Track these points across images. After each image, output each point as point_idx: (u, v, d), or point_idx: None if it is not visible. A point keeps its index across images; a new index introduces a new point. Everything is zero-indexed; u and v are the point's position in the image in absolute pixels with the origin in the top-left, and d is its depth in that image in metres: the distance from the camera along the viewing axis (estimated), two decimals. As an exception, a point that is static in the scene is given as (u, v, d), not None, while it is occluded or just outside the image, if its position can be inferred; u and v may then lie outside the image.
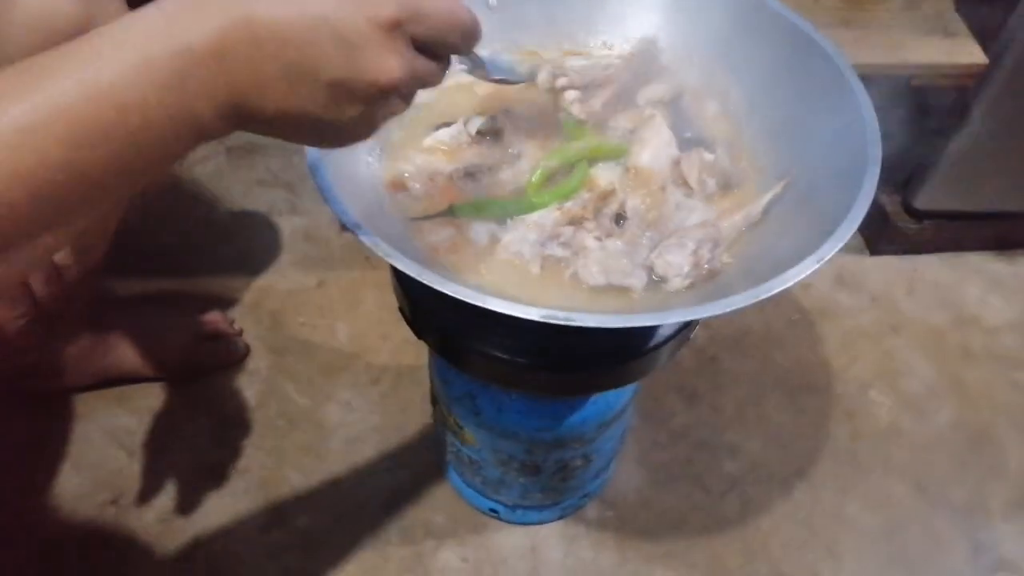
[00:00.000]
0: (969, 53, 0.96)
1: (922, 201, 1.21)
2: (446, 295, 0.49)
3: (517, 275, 0.61)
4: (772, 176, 0.67)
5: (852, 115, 0.62)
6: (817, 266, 0.52)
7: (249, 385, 1.10)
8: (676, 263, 0.59)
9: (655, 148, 0.67)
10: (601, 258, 0.60)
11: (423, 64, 0.44)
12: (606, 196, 0.65)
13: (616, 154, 0.69)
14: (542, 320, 0.49)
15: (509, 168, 0.67)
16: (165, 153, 0.40)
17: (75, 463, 1.03)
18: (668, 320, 0.51)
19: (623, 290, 0.60)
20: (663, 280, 0.60)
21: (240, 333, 1.14)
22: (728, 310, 0.50)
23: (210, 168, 1.36)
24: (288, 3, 0.39)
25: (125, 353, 1.06)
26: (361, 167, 0.65)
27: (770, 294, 0.51)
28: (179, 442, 1.05)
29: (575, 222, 0.63)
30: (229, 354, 1.11)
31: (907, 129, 1.16)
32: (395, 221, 0.63)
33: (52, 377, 1.03)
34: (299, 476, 1.02)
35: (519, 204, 0.64)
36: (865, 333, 1.20)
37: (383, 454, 1.04)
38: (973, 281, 1.28)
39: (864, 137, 0.60)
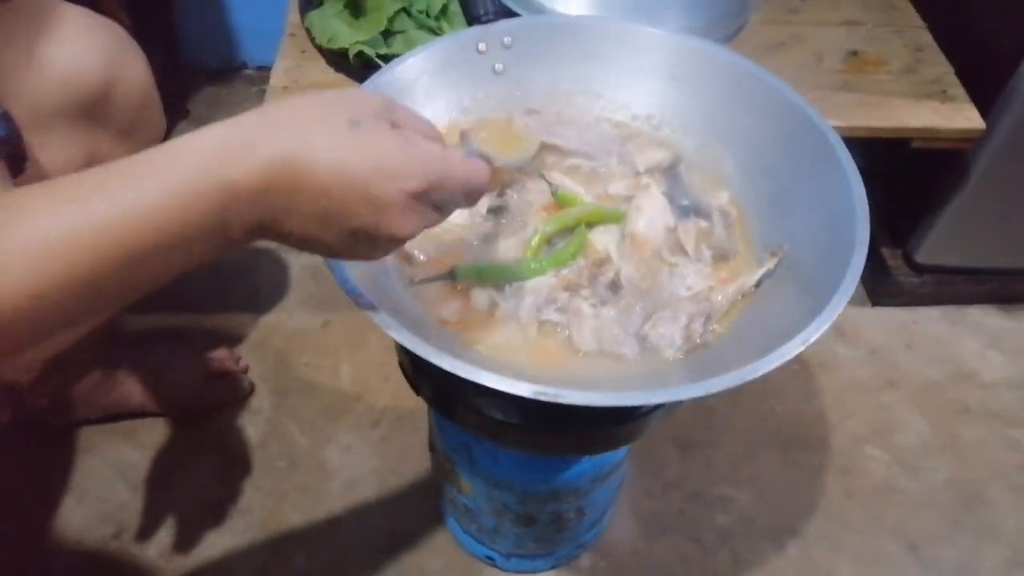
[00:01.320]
0: (967, 118, 0.98)
1: (923, 255, 1.23)
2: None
3: (515, 338, 0.63)
4: (765, 245, 0.69)
5: (842, 193, 0.64)
6: (802, 347, 0.54)
7: (252, 424, 1.12)
8: (669, 335, 0.61)
9: (651, 216, 0.69)
10: (595, 326, 0.62)
11: (436, 217, 0.49)
12: (601, 264, 0.67)
13: (613, 219, 0.71)
14: (532, 396, 0.50)
15: (513, 236, 0.69)
16: (189, 263, 0.43)
17: (79, 496, 1.05)
18: (654, 400, 0.53)
19: (616, 356, 0.62)
20: (656, 350, 0.62)
21: (246, 370, 1.16)
22: (714, 391, 0.52)
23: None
24: (331, 153, 0.42)
25: (132, 389, 1.08)
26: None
27: (756, 375, 0.53)
28: (182, 478, 1.07)
29: (571, 288, 0.65)
30: (234, 392, 1.13)
31: (908, 186, 1.18)
32: (401, 286, 0.65)
33: (60, 412, 1.05)
34: (299, 516, 1.04)
35: (519, 269, 0.66)
36: (862, 387, 1.21)
37: (382, 498, 1.06)
38: (973, 335, 1.29)
39: (853, 217, 0.61)
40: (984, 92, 1.03)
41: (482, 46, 0.76)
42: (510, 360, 0.61)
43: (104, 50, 0.74)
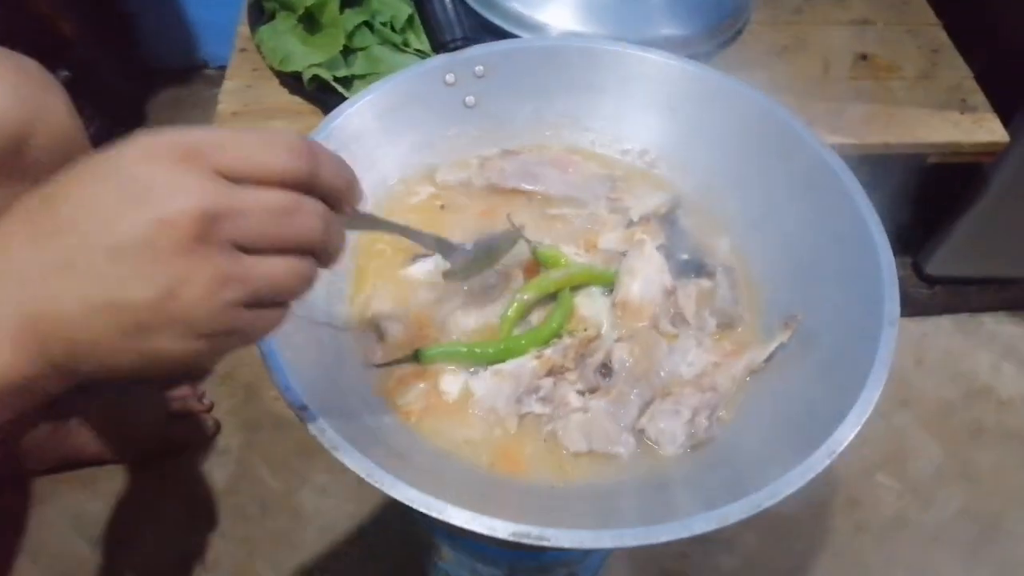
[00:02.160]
0: (989, 130, 0.89)
1: (935, 267, 1.15)
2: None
3: (491, 434, 0.55)
4: (775, 309, 0.60)
5: (866, 257, 0.55)
6: (829, 461, 0.46)
7: (220, 466, 1.05)
8: (670, 431, 0.53)
9: (645, 278, 0.61)
10: (583, 421, 0.54)
11: (257, 272, 0.34)
12: (590, 342, 0.58)
13: (602, 281, 0.62)
14: (512, 539, 0.42)
15: (488, 304, 0.61)
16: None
17: (33, 553, 0.97)
18: (657, 539, 0.45)
19: (609, 456, 0.54)
20: (655, 444, 0.54)
21: (210, 408, 1.08)
22: (728, 523, 0.44)
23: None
24: (83, 303, 0.32)
25: (86, 438, 1.00)
26: (320, 305, 0.58)
27: (773, 502, 0.45)
28: (145, 530, 1.00)
29: (555, 372, 0.57)
30: (199, 433, 1.06)
31: (917, 194, 1.10)
32: (358, 372, 0.57)
33: (8, 464, 0.97)
34: (271, 568, 0.97)
35: (493, 350, 0.57)
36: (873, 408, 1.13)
37: (359, 545, 0.99)
38: (986, 346, 1.21)
39: (879, 287, 0.53)
40: (1005, 97, 0.94)
41: (450, 77, 0.67)
42: (483, 466, 0.53)
43: (16, 92, 0.64)
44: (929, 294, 1.18)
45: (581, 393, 0.56)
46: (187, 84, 1.47)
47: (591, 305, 0.62)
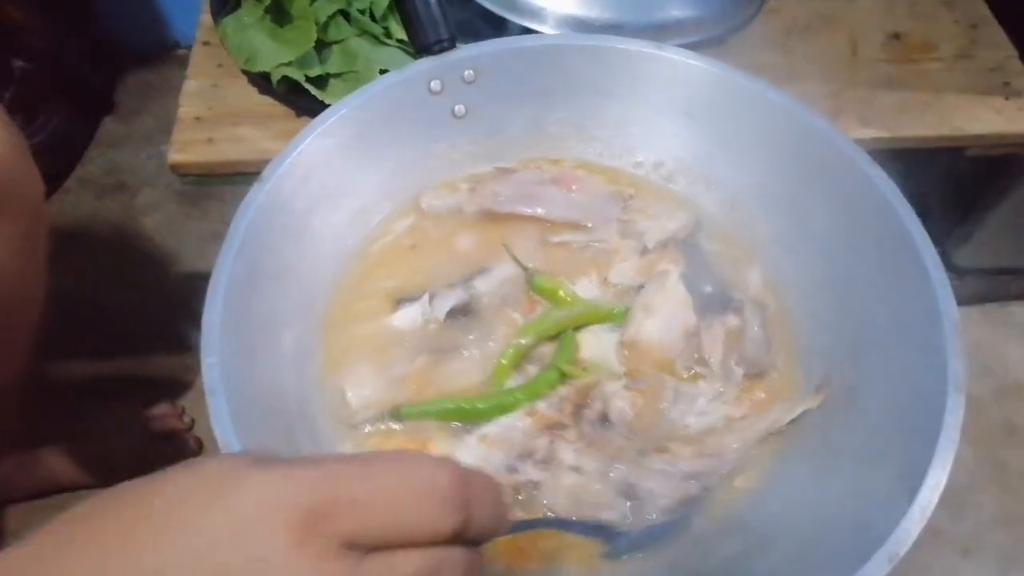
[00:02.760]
0: (1036, 116, 0.80)
1: (965, 258, 1.07)
2: None
3: None
4: (813, 353, 0.53)
5: (924, 302, 0.47)
6: (890, 567, 0.39)
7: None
8: (659, 492, 0.46)
9: (666, 316, 0.53)
10: (572, 485, 0.47)
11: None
12: (587, 390, 0.50)
13: (611, 320, 0.54)
14: None
15: (479, 347, 0.53)
16: None
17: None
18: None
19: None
20: (643, 504, 0.47)
21: (191, 426, 1.01)
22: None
23: (159, 218, 1.21)
24: None
25: (61, 464, 0.93)
26: (286, 363, 0.51)
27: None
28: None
29: (552, 429, 0.49)
30: (181, 455, 0.98)
31: (946, 182, 1.01)
32: (332, 438, 0.50)
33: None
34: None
35: (484, 405, 0.50)
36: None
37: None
38: (1018, 339, 1.14)
39: (941, 341, 0.45)
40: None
41: (436, 84, 0.58)
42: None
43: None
44: (958, 285, 1.10)
45: (577, 450, 0.48)
46: (157, 67, 1.36)
47: (596, 344, 0.54)
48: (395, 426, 0.50)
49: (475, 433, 0.49)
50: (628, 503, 0.47)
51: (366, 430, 0.50)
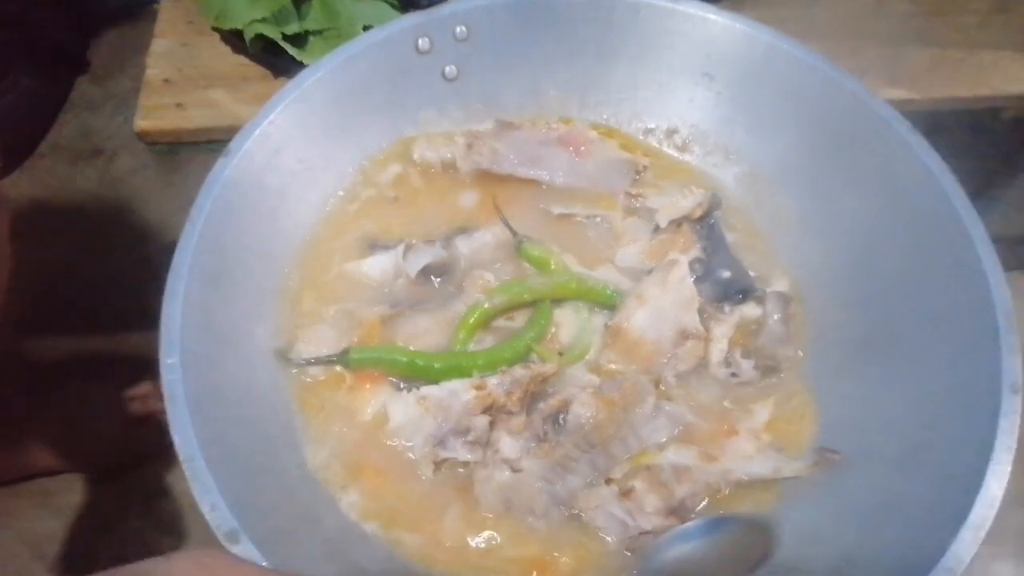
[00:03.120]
0: (1077, 74, 0.74)
1: (991, 225, 1.01)
2: None
3: (401, 477, 0.44)
4: (834, 351, 0.47)
5: (974, 295, 0.42)
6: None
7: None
8: (602, 531, 0.41)
9: (661, 313, 0.47)
10: (505, 484, 0.42)
11: None
12: (544, 380, 0.45)
13: (597, 299, 0.49)
14: None
15: (447, 308, 0.48)
16: None
17: (-15, 579, 0.88)
18: None
19: (528, 527, 0.43)
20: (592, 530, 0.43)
21: (175, 408, 0.96)
22: None
23: (138, 184, 1.15)
24: None
25: (38, 448, 0.89)
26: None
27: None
28: (106, 549, 0.89)
29: (494, 411, 0.44)
30: (161, 439, 0.93)
31: (973, 141, 0.95)
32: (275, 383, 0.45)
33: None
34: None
35: (439, 364, 0.45)
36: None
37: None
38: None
39: (996, 352, 0.40)
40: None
41: (424, 43, 0.52)
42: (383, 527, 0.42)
43: None
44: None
45: (518, 442, 0.43)
46: (134, 23, 1.28)
47: (574, 321, 0.48)
48: (341, 370, 0.46)
49: (415, 393, 0.44)
50: (564, 513, 0.42)
51: (312, 375, 0.46)
